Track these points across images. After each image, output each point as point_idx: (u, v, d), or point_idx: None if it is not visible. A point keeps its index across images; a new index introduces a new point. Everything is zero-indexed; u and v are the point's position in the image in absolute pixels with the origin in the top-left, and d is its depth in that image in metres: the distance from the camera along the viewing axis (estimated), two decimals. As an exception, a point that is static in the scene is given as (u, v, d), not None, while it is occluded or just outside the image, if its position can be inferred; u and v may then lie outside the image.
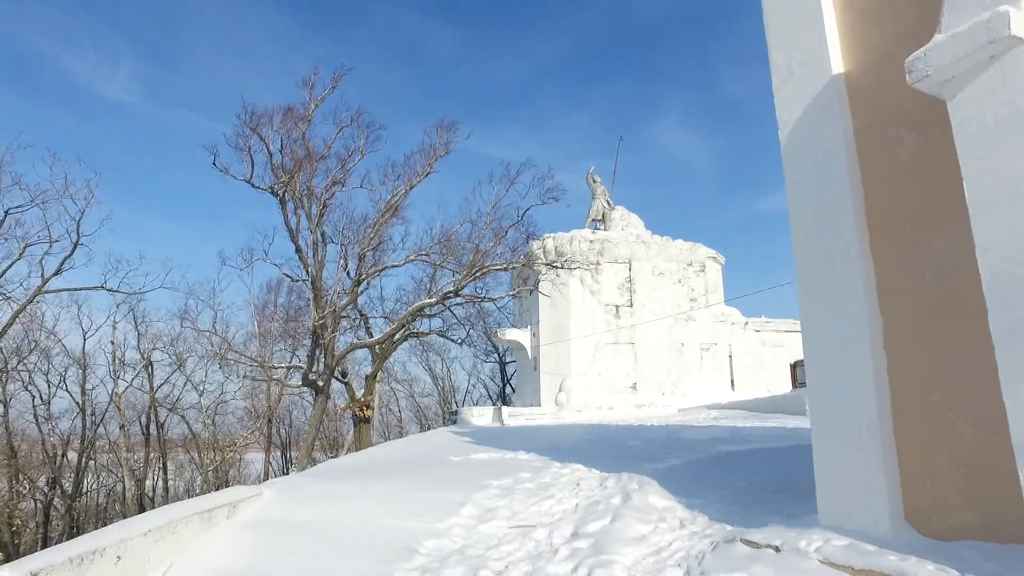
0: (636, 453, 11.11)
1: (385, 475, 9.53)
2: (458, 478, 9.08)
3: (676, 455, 10.41)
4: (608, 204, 39.75)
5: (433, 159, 23.94)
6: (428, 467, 10.56)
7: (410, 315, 23.14)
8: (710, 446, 11.50)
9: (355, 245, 21.98)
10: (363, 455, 14.17)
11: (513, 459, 11.45)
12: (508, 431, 21.91)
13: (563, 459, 10.68)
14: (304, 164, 19.96)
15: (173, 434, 44.81)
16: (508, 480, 8.74)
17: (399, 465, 11.06)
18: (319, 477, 9.49)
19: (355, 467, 11.10)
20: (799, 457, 9.80)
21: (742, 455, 9.74)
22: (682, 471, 8.59)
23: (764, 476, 8.37)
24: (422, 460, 11.89)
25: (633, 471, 8.71)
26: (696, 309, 33.80)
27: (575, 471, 9.28)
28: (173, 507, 6.30)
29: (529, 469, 9.73)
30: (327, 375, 20.88)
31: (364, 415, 26.40)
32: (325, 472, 10.57)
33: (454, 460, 11.56)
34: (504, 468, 9.95)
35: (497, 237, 22.02)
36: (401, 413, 56.82)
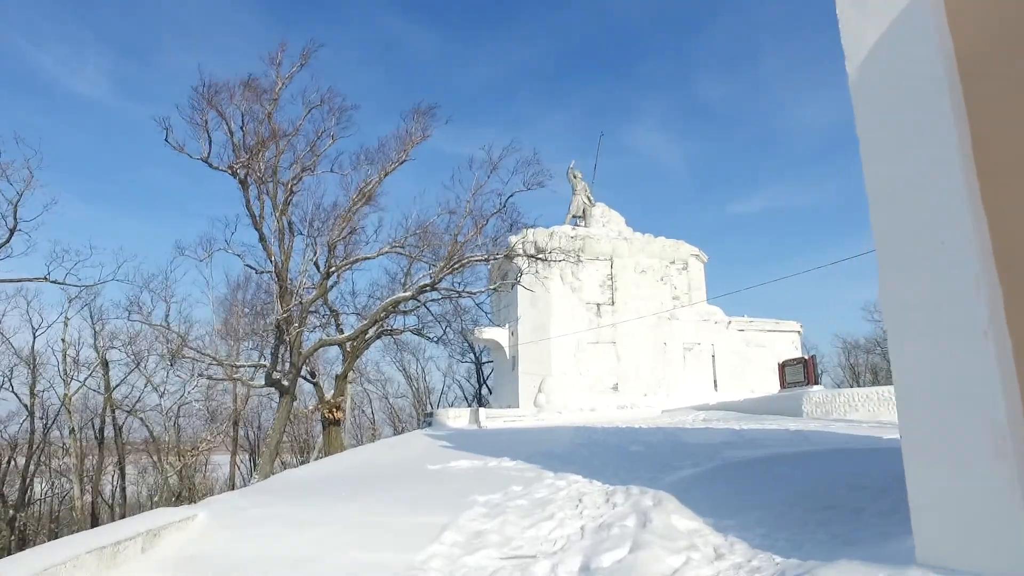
0: (640, 460, 9.86)
1: (352, 490, 8.12)
2: (438, 494, 7.72)
3: (686, 462, 9.17)
4: (589, 200, 38.69)
5: (409, 145, 22.48)
6: (402, 479, 9.17)
7: (383, 310, 21.64)
8: (719, 452, 10.30)
9: (324, 235, 20.47)
10: (329, 464, 12.71)
11: (498, 468, 10.12)
12: (487, 434, 20.59)
13: (557, 468, 9.38)
14: (268, 144, 18.37)
15: (135, 437, 42.57)
16: (497, 495, 7.41)
17: (369, 476, 9.66)
18: (271, 495, 8.02)
19: (318, 479, 9.66)
20: (827, 465, 8.66)
21: (762, 463, 8.55)
22: (701, 483, 7.34)
23: (798, 488, 7.16)
24: (396, 470, 10.49)
25: (643, 483, 7.44)
26: (679, 308, 32.83)
27: (574, 483, 7.98)
28: (66, 542, 4.85)
29: (519, 481, 8.41)
30: (293, 374, 19.32)
31: (334, 417, 24.85)
32: (281, 487, 9.09)
33: (432, 469, 10.19)
34: (490, 479, 8.61)
35: (478, 226, 20.62)
36: (374, 415, 55.14)
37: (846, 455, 9.19)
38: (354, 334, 21.75)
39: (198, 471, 45.24)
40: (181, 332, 19.00)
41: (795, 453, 9.18)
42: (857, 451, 9.45)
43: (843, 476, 8.02)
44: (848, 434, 12.47)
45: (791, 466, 8.49)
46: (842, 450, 9.51)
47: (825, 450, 9.54)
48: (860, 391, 17.68)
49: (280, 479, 10.47)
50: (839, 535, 5.65)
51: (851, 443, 11.09)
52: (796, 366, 24.41)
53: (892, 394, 17.73)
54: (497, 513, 6.54)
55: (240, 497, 7.93)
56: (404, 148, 21.97)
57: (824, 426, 14.81)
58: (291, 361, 19.27)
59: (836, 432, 13.02)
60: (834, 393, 18.05)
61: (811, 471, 8.17)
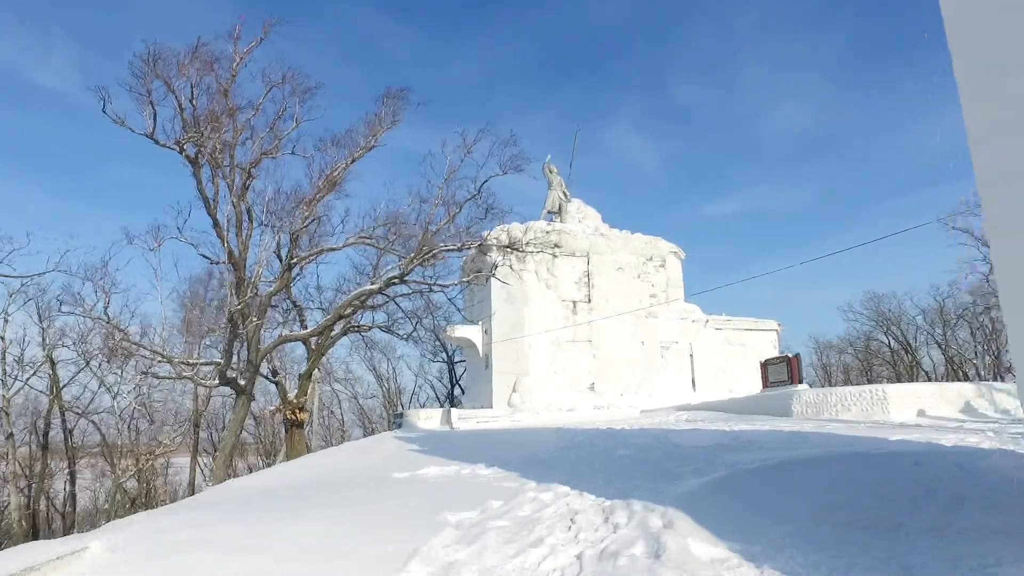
0: (633, 467, 8.80)
1: (305, 504, 6.90)
2: (404, 510, 6.55)
3: (685, 469, 8.14)
4: (565, 196, 37.70)
5: (379, 131, 21.16)
6: (364, 490, 7.97)
7: (348, 304, 20.27)
8: (718, 456, 9.30)
9: (286, 223, 19.02)
10: (286, 471, 11.42)
11: (473, 476, 8.97)
12: (460, 436, 19.42)
13: (540, 476, 8.27)
14: (222, 120, 16.88)
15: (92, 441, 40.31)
16: (472, 513, 6.27)
17: (328, 486, 8.43)
18: (208, 511, 6.75)
19: (269, 490, 8.40)
20: (844, 471, 7.70)
21: (773, 471, 7.56)
22: (711, 495, 6.29)
23: (820, 499, 6.17)
24: (358, 478, 9.28)
25: (645, 496, 6.37)
26: (657, 305, 32.01)
27: (562, 496, 6.88)
28: None
29: (498, 493, 7.27)
30: (251, 373, 17.89)
31: (297, 418, 23.40)
32: (224, 500, 7.80)
33: (399, 479, 9.00)
34: (465, 491, 7.47)
35: (450, 214, 19.40)
36: (343, 416, 53.48)
37: (861, 461, 8.25)
38: (317, 329, 20.35)
39: (159, 475, 43.15)
40: (122, 326, 17.41)
41: (806, 458, 8.21)
42: (870, 456, 8.53)
43: (864, 485, 7.07)
44: (850, 436, 11.59)
45: (804, 473, 7.52)
46: (854, 455, 8.58)
47: (836, 454, 8.60)
48: (853, 390, 16.93)
49: (226, 490, 9.16)
50: (889, 559, 4.66)
51: (857, 446, 10.20)
52: (779, 365, 23.69)
53: (887, 393, 17.16)
54: (474, 537, 5.40)
55: (167, 516, 6.59)
56: (373, 133, 20.66)
57: (819, 427, 13.95)
58: (249, 359, 17.85)
59: (836, 433, 12.14)
60: (825, 392, 17.29)
61: (828, 479, 7.20)
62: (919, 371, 47.45)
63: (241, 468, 50.21)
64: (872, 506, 5.91)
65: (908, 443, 10.41)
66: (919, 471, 7.52)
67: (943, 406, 16.26)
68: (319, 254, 20.29)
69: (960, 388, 17.06)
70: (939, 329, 45.30)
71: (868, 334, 50.65)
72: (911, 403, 16.16)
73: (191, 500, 8.83)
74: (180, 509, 7.13)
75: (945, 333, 45.15)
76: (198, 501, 8.21)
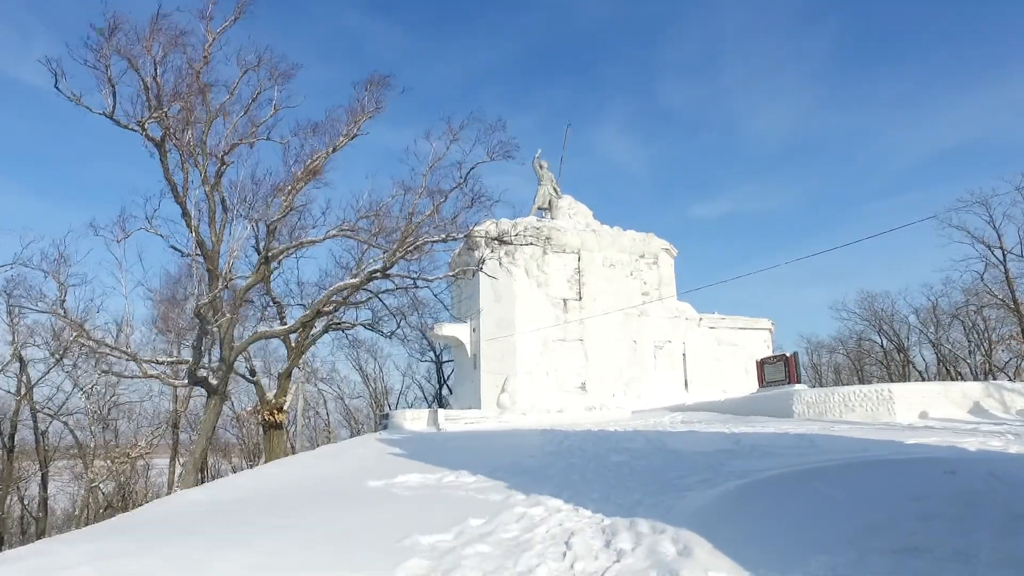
0: (631, 476, 7.93)
1: (250, 526, 5.96)
2: (371, 528, 5.63)
3: (690, 478, 7.28)
4: (555, 192, 36.87)
5: (361, 118, 20.15)
6: (331, 503, 7.03)
7: (327, 299, 19.25)
8: (724, 464, 8.44)
9: (263, 213, 17.97)
10: (249, 480, 10.45)
11: (455, 486, 8.07)
12: (446, 438, 18.52)
13: (529, 487, 7.38)
14: (191, 100, 15.77)
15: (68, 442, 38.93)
16: (448, 535, 5.35)
17: (291, 498, 7.49)
18: (115, 539, 5.61)
19: (214, 508, 7.42)
20: (873, 482, 6.84)
21: (794, 482, 6.70)
22: (729, 512, 5.42)
23: (857, 518, 5.32)
24: (327, 488, 8.34)
25: (650, 513, 5.49)
26: (649, 303, 31.21)
27: (555, 512, 5.99)
28: None
29: (481, 508, 6.37)
30: (224, 371, 16.87)
31: (275, 419, 22.36)
32: (149, 522, 6.73)
33: (372, 488, 8.08)
34: (443, 505, 6.56)
35: (436, 203, 18.40)
36: (329, 416, 52.33)
37: (886, 470, 7.41)
38: (294, 326, 19.33)
39: (140, 477, 41.84)
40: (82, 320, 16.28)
41: (824, 467, 7.35)
42: (895, 464, 7.70)
43: (899, 500, 6.23)
44: (863, 439, 10.78)
45: (827, 484, 6.66)
46: (877, 463, 7.73)
47: (857, 463, 7.75)
48: (857, 389, 16.17)
49: (166, 506, 8.13)
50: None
51: (873, 451, 9.38)
52: (776, 364, 22.94)
53: (892, 393, 16.43)
54: (448, 569, 4.48)
55: (66, 546, 5.24)
56: (355, 121, 19.66)
57: (824, 429, 13.16)
58: (222, 357, 16.82)
59: (846, 437, 11.34)
60: (828, 392, 16.52)
61: (856, 492, 6.35)
62: (911, 371, 47.02)
63: (225, 469, 49.00)
64: (918, 529, 5.05)
65: (928, 448, 9.62)
66: (954, 482, 6.69)
67: (949, 407, 15.54)
68: (298, 247, 19.26)
69: (966, 388, 16.35)
70: (932, 328, 44.85)
71: (860, 334, 50.15)
72: (917, 403, 15.43)
73: (117, 521, 7.80)
74: (90, 535, 6.11)
75: (937, 332, 44.72)
76: (124, 523, 7.19)
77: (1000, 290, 35.99)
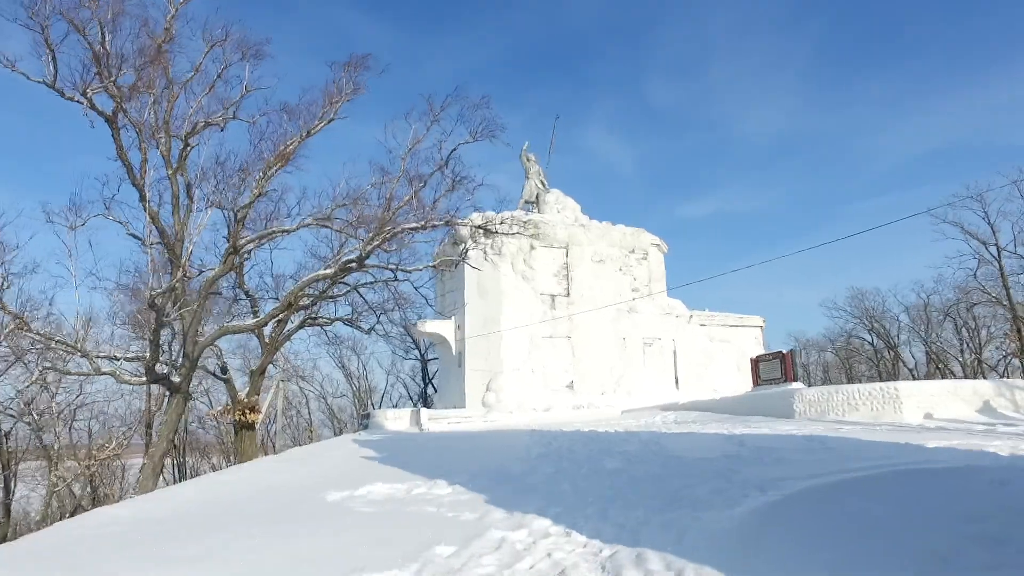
0: (632, 487, 6.91)
1: (167, 552, 4.87)
2: (306, 563, 4.56)
3: (703, 491, 6.28)
4: (543, 185, 35.85)
5: (338, 101, 19.01)
6: (268, 526, 5.95)
7: (299, 291, 18.06)
8: (736, 472, 7.46)
9: (231, 199, 16.75)
10: (194, 491, 9.33)
11: (426, 499, 7.01)
12: (428, 439, 17.47)
13: (511, 500, 6.34)
14: (151, 77, 14.46)
15: (38, 443, 37.32)
16: (405, 574, 4.28)
17: (227, 517, 6.39)
18: None
19: (130, 528, 6.31)
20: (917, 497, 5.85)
21: (828, 495, 5.72)
22: (755, 537, 4.41)
23: (914, 547, 4.33)
24: (278, 502, 7.25)
25: (662, 541, 4.46)
26: (638, 299, 30.28)
27: (541, 536, 4.95)
28: None
29: (453, 530, 5.33)
30: (188, 368, 15.65)
31: (247, 420, 21.17)
32: (52, 544, 5.63)
33: (330, 502, 7.01)
34: (407, 526, 5.51)
35: (415, 188, 17.25)
36: (311, 416, 51.00)
37: (929, 480, 6.39)
38: (264, 320, 18.13)
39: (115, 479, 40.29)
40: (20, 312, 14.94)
41: (860, 479, 6.37)
42: (936, 474, 6.71)
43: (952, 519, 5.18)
44: (877, 442, 9.84)
45: (867, 499, 5.65)
46: (915, 473, 6.73)
47: (889, 474, 6.77)
48: (862, 388, 15.31)
49: (83, 525, 6.95)
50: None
51: (895, 456, 8.43)
52: (772, 361, 22.08)
53: (899, 392, 15.59)
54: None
55: None
56: (331, 102, 18.52)
57: (831, 430, 12.25)
58: (185, 352, 15.61)
59: (859, 439, 10.41)
60: (830, 391, 15.65)
61: (904, 509, 5.36)
62: (901, 369, 46.56)
63: (204, 469, 47.54)
64: (988, 560, 4.08)
65: (957, 453, 8.69)
66: (1007, 495, 5.75)
67: (959, 406, 14.70)
68: (269, 236, 18.06)
69: (976, 386, 15.53)
70: (923, 326, 44.36)
71: (850, 332, 49.63)
72: (925, 402, 14.58)
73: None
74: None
75: (928, 330, 44.24)
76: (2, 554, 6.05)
77: (993, 287, 35.49)
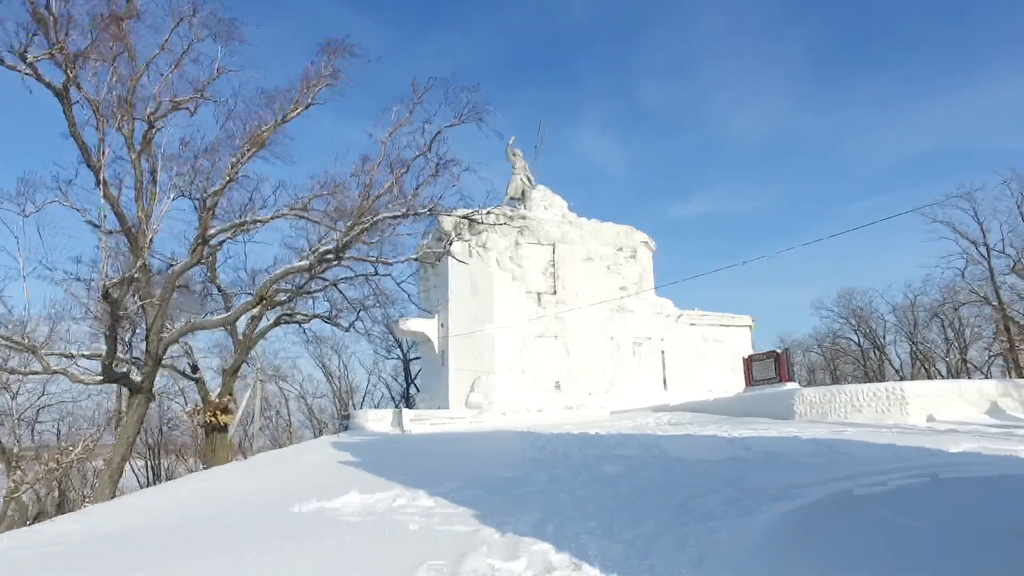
0: (637, 497, 6.10)
1: None
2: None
3: (714, 501, 5.50)
4: (529, 181, 35.00)
5: (317, 87, 18.05)
6: (218, 549, 5.05)
7: (272, 283, 17.03)
8: (744, 478, 6.68)
9: (200, 185, 15.70)
10: (151, 500, 8.39)
11: (408, 512, 6.15)
12: (409, 442, 16.59)
13: (504, 516, 5.50)
14: (110, 52, 13.34)
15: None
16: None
17: (171, 537, 5.48)
18: None
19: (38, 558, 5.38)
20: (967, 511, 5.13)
21: (852, 507, 4.96)
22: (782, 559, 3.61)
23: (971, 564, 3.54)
24: (237, 517, 6.35)
25: (678, 564, 3.65)
26: (628, 297, 29.59)
27: (544, 570, 4.10)
28: None
29: (437, 555, 4.47)
30: (150, 367, 14.59)
31: (218, 421, 20.11)
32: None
33: (297, 516, 6.12)
34: (381, 550, 4.63)
35: (396, 174, 16.31)
36: (291, 416, 49.78)
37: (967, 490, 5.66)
38: (234, 315, 17.10)
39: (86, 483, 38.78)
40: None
41: (893, 489, 5.61)
42: (975, 483, 5.98)
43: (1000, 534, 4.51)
44: (888, 445, 9.12)
45: (899, 511, 4.89)
46: (951, 482, 5.98)
47: (922, 483, 6.01)
48: (865, 388, 14.67)
49: (19, 545, 6.02)
50: None
51: (912, 460, 7.70)
52: (766, 361, 21.43)
53: (904, 392, 14.96)
54: None
55: None
56: (309, 86, 17.56)
57: (836, 432, 11.56)
58: (148, 350, 14.55)
59: (869, 442, 9.69)
60: (832, 391, 15.00)
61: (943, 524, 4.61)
62: (887, 369, 46.40)
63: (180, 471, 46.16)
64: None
65: (982, 458, 7.98)
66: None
67: (964, 407, 14.10)
68: (241, 227, 17.03)
69: (982, 387, 14.95)
70: (909, 326, 44.20)
71: (837, 332, 49.44)
72: (930, 403, 13.95)
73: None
74: None
75: (915, 330, 44.09)
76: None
77: (981, 287, 35.27)
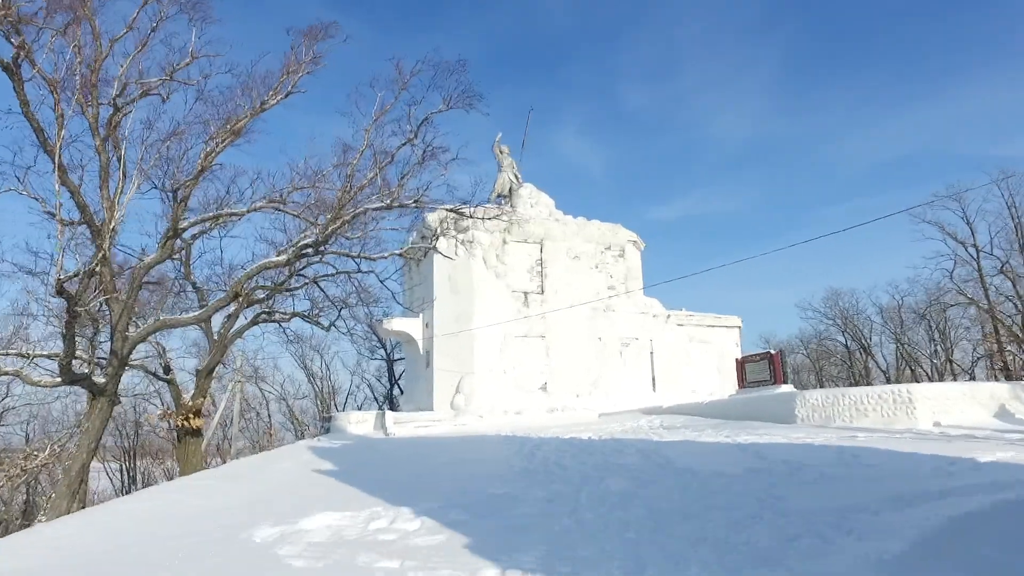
0: (654, 521, 5.32)
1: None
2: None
3: (757, 530, 4.73)
4: (516, 179, 34.26)
5: (297, 74, 17.15)
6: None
7: (248, 278, 16.07)
8: (781, 498, 5.93)
9: (170, 175, 14.74)
10: (86, 523, 7.46)
11: (386, 540, 5.33)
12: (392, 446, 15.74)
13: (501, 546, 4.69)
14: (62, 18, 12.35)
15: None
16: None
17: (115, 567, 4.62)
18: None
19: None
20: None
21: (942, 539, 4.23)
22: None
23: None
24: (189, 540, 5.49)
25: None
26: (615, 296, 28.93)
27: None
28: None
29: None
30: (115, 368, 13.59)
31: (191, 426, 19.07)
32: None
33: (253, 548, 5.28)
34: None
35: (380, 164, 15.44)
36: (271, 418, 48.56)
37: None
38: (206, 313, 16.10)
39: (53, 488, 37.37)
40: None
41: (967, 512, 4.89)
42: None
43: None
44: (911, 453, 8.46)
45: (1003, 550, 4.19)
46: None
47: (1006, 503, 5.32)
48: (871, 391, 14.06)
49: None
50: None
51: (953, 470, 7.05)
52: (760, 362, 20.91)
53: (912, 395, 14.39)
54: None
55: None
56: (289, 72, 16.64)
57: (845, 438, 10.91)
58: (112, 350, 13.56)
59: (887, 449, 9.03)
60: (836, 394, 14.40)
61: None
62: (872, 369, 46.30)
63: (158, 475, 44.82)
64: None
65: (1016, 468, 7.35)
66: None
67: (975, 410, 13.54)
68: (214, 220, 16.08)
69: (993, 389, 14.42)
70: (895, 327, 44.10)
71: (822, 333, 49.29)
72: (940, 406, 13.37)
73: None
74: None
75: (901, 331, 43.99)
76: None
77: (968, 287, 35.11)
